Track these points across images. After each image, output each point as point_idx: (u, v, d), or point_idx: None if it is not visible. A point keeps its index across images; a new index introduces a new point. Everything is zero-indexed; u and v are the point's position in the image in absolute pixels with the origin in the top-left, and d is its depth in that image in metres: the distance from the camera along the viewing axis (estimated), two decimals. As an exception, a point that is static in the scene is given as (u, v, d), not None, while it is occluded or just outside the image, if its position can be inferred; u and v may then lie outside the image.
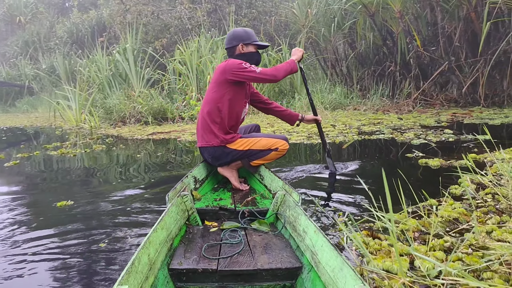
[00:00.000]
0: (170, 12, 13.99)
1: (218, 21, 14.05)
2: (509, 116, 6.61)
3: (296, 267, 1.68)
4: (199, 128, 2.97)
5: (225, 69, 2.81)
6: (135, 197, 3.35)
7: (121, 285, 1.24)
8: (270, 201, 2.58)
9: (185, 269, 1.65)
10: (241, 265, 1.68)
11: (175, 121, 9.37)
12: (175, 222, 1.98)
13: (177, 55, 11.06)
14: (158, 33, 13.84)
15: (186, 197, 2.20)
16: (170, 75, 11.28)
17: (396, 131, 5.98)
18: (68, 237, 2.45)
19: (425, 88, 8.73)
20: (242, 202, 2.61)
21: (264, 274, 1.66)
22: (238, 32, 2.97)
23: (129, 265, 1.34)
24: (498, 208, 2.46)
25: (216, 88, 2.86)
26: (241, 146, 2.91)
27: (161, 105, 9.57)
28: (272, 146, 2.93)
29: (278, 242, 1.95)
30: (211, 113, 2.85)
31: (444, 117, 7.07)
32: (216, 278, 1.66)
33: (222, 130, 2.88)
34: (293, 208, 2.07)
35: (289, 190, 2.39)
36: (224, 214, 2.37)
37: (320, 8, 10.99)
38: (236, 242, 1.92)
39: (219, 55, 10.07)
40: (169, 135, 7.46)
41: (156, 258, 1.58)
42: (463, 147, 4.57)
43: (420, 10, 8.73)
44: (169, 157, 5.36)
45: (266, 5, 14.66)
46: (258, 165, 3.03)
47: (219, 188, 3.09)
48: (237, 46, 2.95)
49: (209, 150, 2.91)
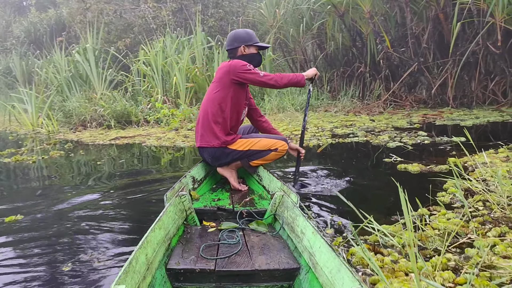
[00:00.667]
0: (134, 11, 13.47)
1: (184, 20, 13.64)
2: (479, 117, 6.61)
3: (293, 268, 1.68)
4: (199, 127, 2.93)
5: (229, 69, 2.80)
6: (94, 207, 3.01)
7: (118, 285, 1.23)
8: (268, 202, 2.57)
9: (182, 269, 1.65)
10: (238, 266, 1.68)
11: (140, 124, 8.94)
12: (173, 222, 1.97)
13: (141, 56, 10.60)
14: (121, 32, 13.29)
15: (184, 197, 2.20)
16: (134, 77, 10.80)
17: (370, 133, 5.83)
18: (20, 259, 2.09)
19: (395, 89, 8.68)
20: (240, 202, 2.61)
21: (261, 275, 1.66)
22: (240, 33, 2.96)
23: (127, 264, 1.33)
24: (493, 217, 2.28)
25: (219, 88, 2.84)
26: (241, 147, 2.90)
27: (125, 108, 9.11)
28: (272, 147, 2.92)
29: (276, 243, 1.95)
30: (214, 113, 2.83)
31: (416, 118, 7.01)
32: (213, 278, 1.67)
33: (224, 131, 2.87)
34: (291, 209, 2.06)
35: (287, 191, 2.39)
36: (222, 215, 2.40)
37: (288, 9, 10.82)
38: (234, 243, 1.92)
39: (185, 56, 9.71)
40: (134, 139, 7.06)
41: (153, 257, 1.58)
42: (440, 150, 4.45)
43: (389, 11, 8.69)
44: (134, 163, 4.99)
45: (233, 5, 14.37)
46: (257, 165, 3.02)
47: (217, 189, 3.07)
48: (239, 47, 2.94)
49: (209, 151, 2.90)
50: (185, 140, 6.48)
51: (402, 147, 4.74)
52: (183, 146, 6.03)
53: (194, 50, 10.11)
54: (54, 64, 11.68)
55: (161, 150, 5.90)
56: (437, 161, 3.89)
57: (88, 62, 10.83)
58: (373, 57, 9.00)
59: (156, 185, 3.80)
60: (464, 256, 1.80)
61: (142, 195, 3.48)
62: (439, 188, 3.02)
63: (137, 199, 3.37)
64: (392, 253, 1.90)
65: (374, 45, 8.81)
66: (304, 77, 2.94)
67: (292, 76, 2.90)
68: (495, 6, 6.35)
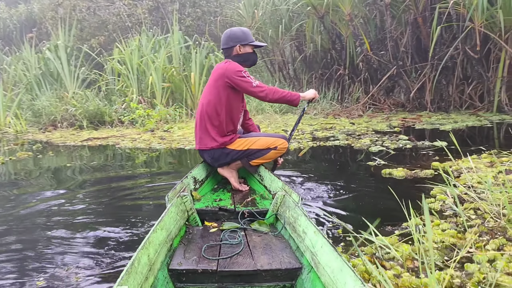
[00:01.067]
0: (108, 8, 13.08)
1: (161, 19, 13.35)
2: (458, 121, 6.62)
3: (296, 268, 1.67)
4: (198, 130, 2.92)
5: (225, 73, 2.75)
6: (61, 213, 2.78)
7: (120, 286, 1.23)
8: (269, 202, 2.55)
9: (184, 269, 1.65)
10: (240, 266, 1.67)
11: (114, 125, 8.63)
12: (174, 222, 1.97)
13: (116, 54, 10.28)
14: (95, 30, 12.88)
15: (186, 197, 2.19)
16: (108, 76, 10.45)
17: (351, 136, 5.75)
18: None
19: (374, 92, 8.67)
20: (242, 202, 2.59)
21: (264, 275, 1.66)
22: (235, 32, 2.88)
23: (129, 265, 1.32)
24: (488, 228, 2.18)
25: (214, 91, 2.81)
26: (240, 146, 2.88)
27: (98, 107, 8.78)
28: (271, 145, 2.89)
29: (278, 242, 1.95)
30: (211, 116, 2.81)
31: (395, 122, 6.98)
32: (215, 278, 1.66)
33: (220, 133, 2.84)
34: (293, 208, 2.05)
35: (288, 191, 2.38)
36: (224, 215, 2.39)
37: (267, 9, 10.69)
38: (236, 243, 1.92)
39: (162, 55, 9.45)
40: (107, 141, 6.78)
41: (155, 258, 1.57)
42: (422, 154, 4.39)
43: (368, 14, 8.67)
44: (107, 165, 4.74)
45: (210, 5, 14.15)
46: (258, 164, 2.99)
47: (219, 189, 3.06)
48: (234, 47, 2.87)
49: (209, 152, 2.89)
50: (161, 142, 6.25)
51: (384, 151, 4.66)
52: (159, 148, 5.81)
53: (171, 49, 9.87)
54: (23, 61, 11.22)
55: (136, 152, 5.66)
56: (421, 166, 3.82)
57: (59, 60, 10.44)
58: (352, 60, 8.96)
59: (130, 189, 3.59)
60: (466, 273, 1.69)
61: (115, 200, 3.27)
62: (426, 194, 2.92)
63: (109, 204, 3.15)
64: (394, 267, 1.77)
65: (354, 47, 8.78)
66: (299, 98, 2.88)
67: (286, 93, 2.83)
68: (474, 11, 6.38)
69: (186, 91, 9.29)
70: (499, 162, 3.66)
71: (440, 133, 5.73)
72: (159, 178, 4.02)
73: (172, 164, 4.77)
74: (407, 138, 5.26)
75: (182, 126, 7.78)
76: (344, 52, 9.03)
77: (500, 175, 3.16)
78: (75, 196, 3.44)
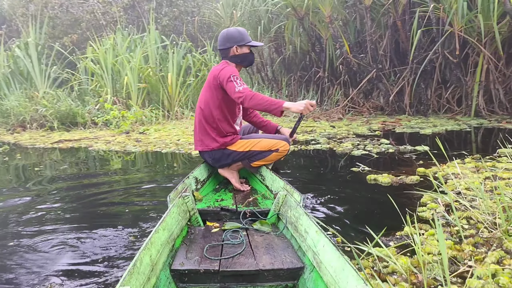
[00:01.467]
0: (82, 5, 12.67)
1: (137, 18, 13.04)
2: (437, 125, 6.63)
3: (298, 268, 1.67)
4: (197, 132, 2.93)
5: (218, 76, 2.75)
6: (29, 219, 2.55)
7: (123, 286, 1.22)
8: (271, 202, 2.55)
9: (187, 269, 1.64)
10: (243, 266, 1.67)
11: (87, 126, 8.32)
12: (176, 222, 1.96)
13: (90, 53, 9.94)
14: (68, 28, 12.46)
15: (188, 197, 2.20)
16: (81, 75, 10.10)
17: (332, 140, 5.66)
18: None
19: (353, 95, 8.63)
20: (243, 202, 2.59)
21: (266, 275, 1.65)
22: (232, 33, 2.88)
23: (131, 266, 1.32)
24: (484, 238, 2.09)
25: (209, 92, 2.83)
26: (242, 148, 2.88)
27: (70, 108, 8.43)
28: (272, 147, 2.88)
29: (280, 242, 1.95)
30: (207, 117, 2.84)
31: (375, 125, 6.94)
32: (218, 278, 1.65)
33: (220, 134, 2.86)
34: (294, 208, 2.06)
35: (290, 191, 2.37)
36: (226, 215, 2.39)
37: (245, 10, 10.54)
38: (238, 243, 1.92)
39: (138, 54, 9.18)
40: (79, 143, 6.49)
41: (158, 259, 1.57)
42: (405, 159, 4.32)
43: (348, 16, 8.64)
44: (78, 169, 4.50)
45: (188, 4, 13.91)
46: (259, 166, 3.00)
47: (220, 189, 3.06)
48: (231, 48, 2.86)
49: (209, 153, 2.90)
50: (136, 144, 6.01)
51: (367, 155, 4.57)
52: (134, 150, 5.58)
53: (147, 49, 9.61)
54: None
55: (110, 155, 5.42)
56: (406, 172, 3.73)
57: (29, 58, 10.04)
58: (332, 62, 8.91)
59: (102, 194, 3.38)
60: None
61: (86, 206, 3.06)
62: (416, 201, 2.83)
63: (80, 210, 2.94)
64: (399, 283, 1.65)
65: (333, 50, 8.72)
66: (280, 108, 2.54)
67: (270, 102, 2.54)
68: (454, 15, 6.40)
69: (163, 92, 9.04)
70: (484, 168, 3.61)
71: (420, 137, 5.70)
72: (134, 183, 3.81)
73: (148, 167, 4.56)
74: (389, 142, 5.21)
75: (159, 128, 7.55)
76: (323, 55, 8.97)
77: (487, 181, 3.09)
78: (44, 202, 3.21)
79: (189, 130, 7.22)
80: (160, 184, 3.79)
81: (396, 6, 7.48)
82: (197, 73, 9.95)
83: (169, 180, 3.89)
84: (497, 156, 4.10)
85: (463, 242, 2.03)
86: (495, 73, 7.11)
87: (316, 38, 9.13)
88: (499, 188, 2.91)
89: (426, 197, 2.83)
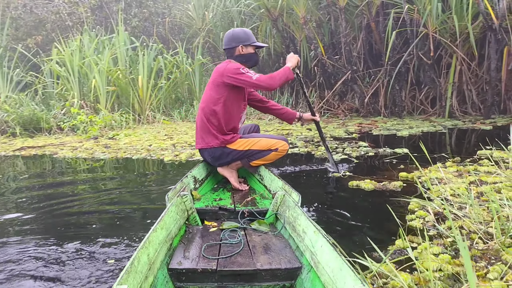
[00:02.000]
0: (47, 6, 12.15)
1: (105, 19, 12.61)
2: (413, 127, 6.60)
3: (295, 267, 1.67)
4: (198, 129, 2.97)
5: (223, 72, 2.82)
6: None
7: (120, 285, 1.22)
8: (269, 201, 2.56)
9: (184, 269, 1.64)
10: (240, 265, 1.67)
11: (52, 132, 7.91)
12: (174, 222, 1.96)
13: (55, 55, 9.51)
14: (32, 29, 11.91)
15: (186, 197, 2.20)
16: (46, 78, 9.65)
17: (309, 143, 5.52)
18: None
19: (328, 97, 8.55)
20: (241, 202, 2.59)
21: (263, 274, 1.65)
22: (238, 33, 2.96)
23: (129, 264, 1.32)
24: (480, 250, 1.96)
25: (213, 90, 2.88)
26: (241, 146, 2.92)
27: (34, 113, 8.00)
28: (272, 147, 2.95)
29: (278, 242, 1.94)
30: (209, 115, 2.87)
31: (352, 127, 6.85)
32: (215, 278, 1.65)
33: (220, 131, 2.89)
34: (292, 208, 2.06)
35: (288, 190, 2.39)
36: (224, 214, 2.38)
37: (218, 11, 10.34)
38: (236, 242, 1.92)
39: (106, 56, 8.82)
40: (43, 150, 6.13)
41: (155, 258, 1.56)
42: (386, 163, 4.21)
43: (322, 18, 8.55)
44: (41, 178, 4.18)
45: (158, 5, 13.57)
46: (258, 165, 3.03)
47: (218, 188, 3.07)
48: (236, 47, 2.93)
49: (209, 151, 2.93)
50: (105, 151, 5.71)
51: (347, 159, 4.45)
52: (103, 157, 5.28)
53: (116, 50, 9.26)
54: None
55: (77, 162, 5.10)
56: (388, 176, 3.62)
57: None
58: (306, 64, 8.81)
59: (66, 203, 3.10)
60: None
61: (50, 217, 2.78)
62: (403, 209, 2.70)
63: (43, 221, 2.66)
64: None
65: (308, 51, 8.62)
66: (289, 69, 2.93)
67: (282, 73, 2.87)
68: (428, 16, 6.39)
69: (133, 95, 8.72)
70: (466, 171, 3.53)
71: (398, 139, 5.64)
72: (102, 191, 3.55)
73: (117, 175, 4.28)
74: (368, 145, 5.11)
75: (129, 133, 7.23)
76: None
77: (473, 186, 3.00)
78: (4, 213, 2.91)
79: (161, 134, 6.95)
80: (131, 192, 3.54)
81: (370, 8, 7.44)
82: (169, 76, 9.67)
83: (139, 189, 3.64)
84: (478, 158, 4.05)
85: (461, 255, 1.90)
86: (468, 74, 7.16)
87: (290, 39, 9.01)
88: (486, 194, 2.83)
89: (413, 204, 2.70)
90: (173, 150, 5.44)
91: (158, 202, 3.20)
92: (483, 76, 7.19)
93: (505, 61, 6.53)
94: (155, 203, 3.18)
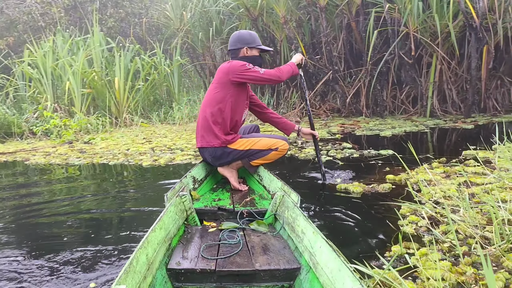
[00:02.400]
0: (18, 6, 11.75)
1: (79, 19, 12.26)
2: (395, 126, 6.56)
3: (294, 268, 1.67)
4: (199, 128, 2.96)
5: (229, 70, 2.83)
6: None
7: (119, 285, 1.22)
8: (268, 202, 2.56)
9: (183, 269, 1.64)
10: (239, 266, 1.67)
11: (24, 137, 7.59)
12: (173, 222, 1.96)
13: (27, 57, 9.16)
14: (3, 30, 11.51)
15: (185, 197, 2.19)
16: (18, 80, 9.29)
17: (293, 145, 5.41)
18: None
19: (310, 97, 8.46)
20: (241, 202, 2.60)
21: (262, 275, 1.65)
22: (244, 35, 3.00)
23: (127, 264, 1.32)
24: (479, 256, 1.87)
25: (218, 89, 2.88)
26: (242, 146, 2.92)
27: (5, 117, 7.66)
28: (272, 146, 2.95)
29: (277, 242, 1.94)
30: (213, 113, 2.85)
31: (334, 128, 6.77)
32: (214, 278, 1.65)
33: (223, 131, 2.89)
34: (291, 209, 2.06)
35: (288, 191, 2.39)
36: (223, 215, 2.39)
37: (196, 11, 10.15)
38: (235, 243, 1.91)
39: (81, 58, 8.53)
40: (14, 156, 5.84)
41: (154, 258, 1.56)
42: (371, 165, 4.12)
43: (303, 17, 8.46)
44: (10, 188, 3.93)
45: (134, 6, 13.28)
46: (258, 165, 3.04)
47: (218, 188, 3.06)
48: (241, 48, 2.98)
49: (210, 151, 2.92)
50: (80, 156, 5.47)
51: (332, 161, 4.34)
52: (77, 163, 5.05)
53: (91, 51, 8.97)
54: None
55: (49, 169, 4.86)
56: (375, 179, 3.52)
57: (-43, 63, 9.10)
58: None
59: (37, 211, 2.89)
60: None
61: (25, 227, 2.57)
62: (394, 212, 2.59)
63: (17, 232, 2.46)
64: None
65: (288, 51, 8.52)
66: (295, 65, 3.08)
67: (288, 67, 3.00)
68: (409, 15, 6.36)
69: (109, 98, 8.45)
70: (454, 172, 3.47)
71: (381, 139, 5.57)
72: (75, 201, 3.34)
73: (93, 182, 4.07)
74: (352, 146, 5.02)
75: (106, 137, 6.99)
76: (278, 56, 8.75)
77: (463, 188, 2.92)
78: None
79: (139, 138, 6.73)
80: (106, 199, 3.34)
81: (350, 7, 7.38)
82: (146, 77, 9.43)
83: (116, 196, 3.44)
84: (463, 159, 4.00)
85: (461, 262, 1.80)
86: (448, 73, 7.17)
87: (270, 39, 8.90)
88: (477, 195, 2.75)
89: (405, 208, 2.60)
90: (152, 155, 5.25)
91: (134, 209, 3.04)
92: (463, 75, 7.22)
93: (484, 60, 6.57)
94: (132, 211, 3.02)
